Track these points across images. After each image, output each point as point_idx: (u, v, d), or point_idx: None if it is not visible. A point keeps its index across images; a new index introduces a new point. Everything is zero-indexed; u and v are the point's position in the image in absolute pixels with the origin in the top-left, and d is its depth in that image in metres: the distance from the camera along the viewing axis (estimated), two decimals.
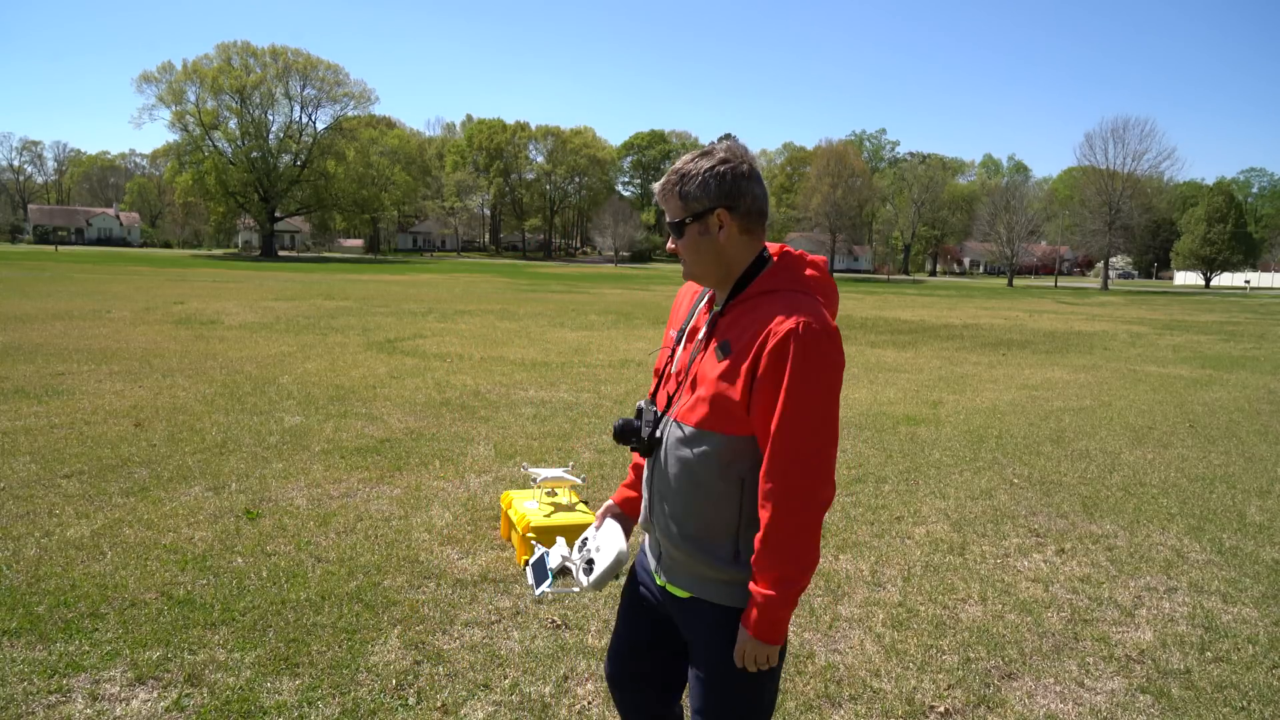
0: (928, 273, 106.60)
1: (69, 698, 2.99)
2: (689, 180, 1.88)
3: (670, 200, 1.91)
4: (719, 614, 1.90)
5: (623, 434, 1.99)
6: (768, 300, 1.83)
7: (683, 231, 1.90)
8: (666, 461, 1.92)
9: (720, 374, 1.82)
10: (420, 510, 5.17)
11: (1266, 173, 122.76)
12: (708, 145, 1.96)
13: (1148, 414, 9.49)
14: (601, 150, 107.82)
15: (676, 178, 1.90)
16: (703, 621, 1.94)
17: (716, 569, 1.88)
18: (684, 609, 1.97)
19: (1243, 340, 20.38)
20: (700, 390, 1.86)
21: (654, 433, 1.96)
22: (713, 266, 1.92)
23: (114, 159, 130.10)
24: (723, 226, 1.87)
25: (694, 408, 1.87)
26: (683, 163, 1.92)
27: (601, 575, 2.02)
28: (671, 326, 2.11)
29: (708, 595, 1.91)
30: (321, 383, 9.49)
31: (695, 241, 1.90)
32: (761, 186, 1.90)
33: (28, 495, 5.16)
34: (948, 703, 3.20)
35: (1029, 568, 4.62)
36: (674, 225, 1.92)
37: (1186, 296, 53.94)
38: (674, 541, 1.93)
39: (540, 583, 2.16)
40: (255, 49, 75.98)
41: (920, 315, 25.86)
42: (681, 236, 1.91)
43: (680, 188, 1.89)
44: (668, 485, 1.92)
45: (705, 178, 1.86)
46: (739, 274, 1.91)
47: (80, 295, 21.53)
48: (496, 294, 29.52)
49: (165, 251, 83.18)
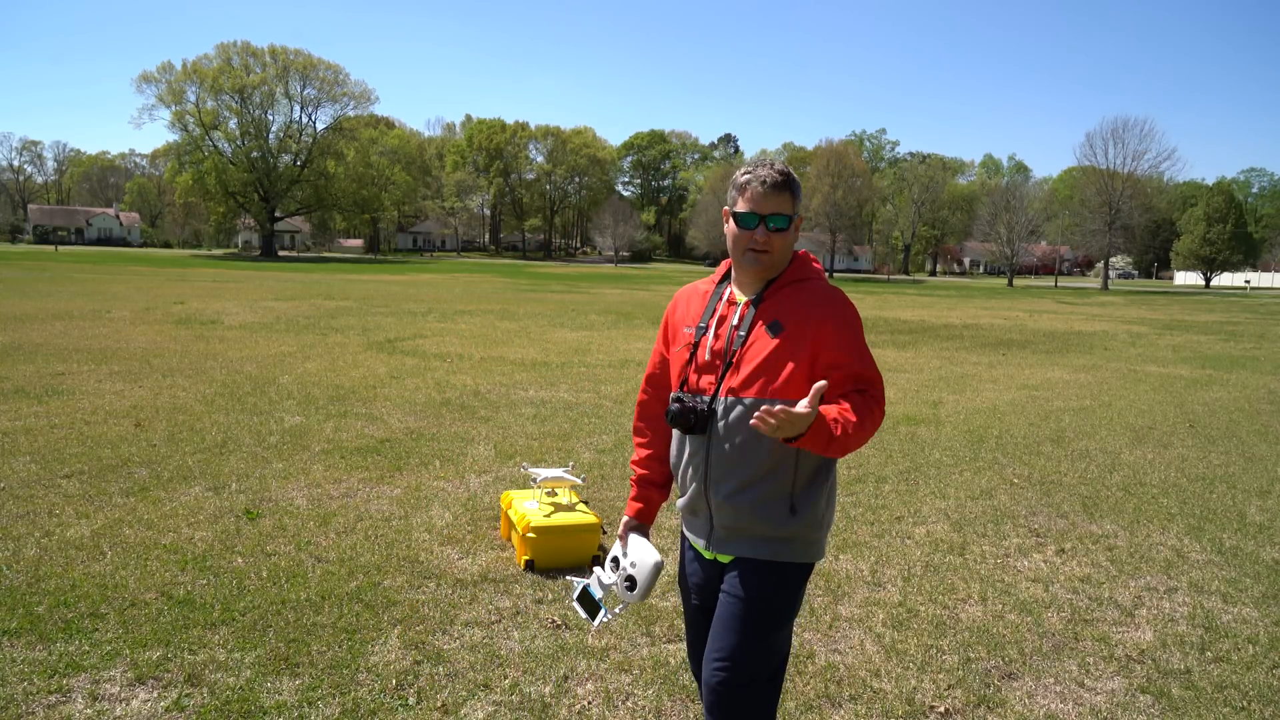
0: (928, 273, 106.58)
1: (69, 698, 2.99)
2: (797, 185, 2.15)
3: (782, 196, 2.11)
4: (763, 568, 2.13)
5: (681, 417, 2.13)
6: (805, 287, 2.14)
7: (790, 225, 2.13)
8: (724, 437, 2.11)
9: (776, 347, 2.06)
10: (420, 510, 5.17)
11: (1266, 173, 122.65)
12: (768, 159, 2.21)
13: (1148, 414, 9.49)
14: (601, 150, 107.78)
15: (785, 178, 2.12)
16: (738, 576, 2.14)
17: (775, 527, 2.11)
18: (727, 570, 2.18)
19: (1243, 340, 20.38)
20: (752, 366, 2.08)
21: (706, 410, 2.12)
22: (786, 259, 2.17)
23: (114, 159, 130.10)
24: (798, 228, 2.17)
25: (749, 380, 2.08)
26: (782, 167, 2.13)
27: (644, 588, 2.22)
28: (684, 325, 2.26)
29: (757, 554, 2.13)
30: (321, 383, 9.48)
31: (792, 237, 2.15)
32: None
33: (28, 495, 5.16)
34: (948, 703, 3.20)
35: (1029, 568, 4.62)
36: (785, 218, 2.11)
37: (1186, 296, 53.93)
38: (734, 507, 2.12)
39: (595, 614, 2.32)
40: (255, 49, 76.03)
41: (920, 315, 25.86)
42: (787, 229, 2.12)
43: (794, 188, 2.13)
44: (726, 458, 2.11)
45: (799, 184, 2.17)
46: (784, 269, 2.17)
47: (80, 295, 21.53)
48: (496, 294, 29.52)
49: (165, 251, 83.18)
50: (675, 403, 2.14)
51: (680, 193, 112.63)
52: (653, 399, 2.39)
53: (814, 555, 2.19)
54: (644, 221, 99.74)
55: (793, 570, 2.15)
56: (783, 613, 2.14)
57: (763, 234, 2.09)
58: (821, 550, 2.21)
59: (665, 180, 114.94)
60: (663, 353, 2.36)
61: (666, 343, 2.34)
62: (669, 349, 2.32)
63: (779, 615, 2.13)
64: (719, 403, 2.12)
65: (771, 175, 2.10)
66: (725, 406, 2.11)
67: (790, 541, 2.13)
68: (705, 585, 2.27)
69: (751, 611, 2.09)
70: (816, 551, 2.19)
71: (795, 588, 2.17)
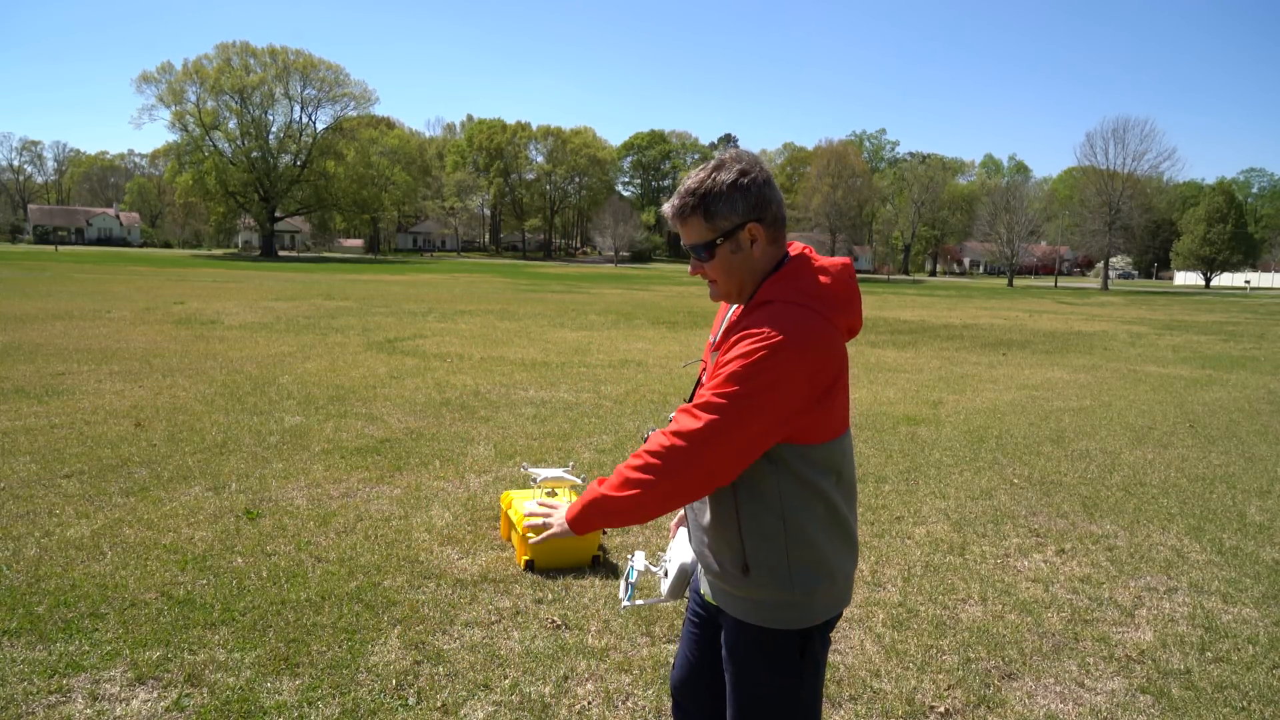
0: (928, 273, 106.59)
1: (69, 698, 2.99)
2: (713, 198, 1.74)
3: (692, 222, 1.77)
4: (740, 629, 1.88)
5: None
6: (761, 311, 1.73)
7: (714, 253, 1.77)
8: None
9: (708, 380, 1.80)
10: (420, 510, 5.17)
11: (1266, 173, 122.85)
12: (716, 158, 1.81)
13: (1148, 414, 9.49)
14: (601, 150, 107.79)
15: (695, 198, 1.76)
16: (728, 635, 1.93)
17: (730, 584, 1.86)
18: (721, 617, 1.97)
19: (1243, 340, 20.38)
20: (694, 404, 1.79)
21: None
22: (747, 281, 1.80)
23: (114, 159, 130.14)
24: (755, 240, 1.76)
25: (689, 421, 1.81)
26: (696, 180, 1.77)
27: (670, 587, 2.11)
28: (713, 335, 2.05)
29: (727, 608, 1.90)
30: (321, 383, 9.48)
31: (727, 261, 1.78)
32: (779, 191, 1.81)
33: (28, 495, 5.16)
34: (948, 703, 3.20)
35: (1029, 568, 4.62)
36: (701, 247, 1.78)
37: (1186, 297, 53.93)
38: (700, 551, 1.94)
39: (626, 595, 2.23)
40: (255, 49, 76.02)
41: (920, 315, 25.86)
42: (712, 258, 1.78)
43: (704, 207, 1.75)
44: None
45: (730, 193, 1.74)
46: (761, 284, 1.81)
47: (80, 295, 21.53)
48: (496, 294, 29.52)
49: (165, 251, 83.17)
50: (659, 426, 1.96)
51: None
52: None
53: (796, 621, 1.82)
54: (644, 222, 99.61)
55: (778, 639, 1.83)
56: (771, 692, 1.85)
57: (693, 267, 1.84)
58: (810, 615, 1.83)
59: (665, 180, 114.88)
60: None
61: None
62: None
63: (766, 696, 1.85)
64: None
65: (672, 203, 1.79)
66: None
67: (756, 603, 1.82)
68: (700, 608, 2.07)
69: (740, 688, 1.89)
70: (798, 617, 1.82)
71: (779, 661, 1.84)
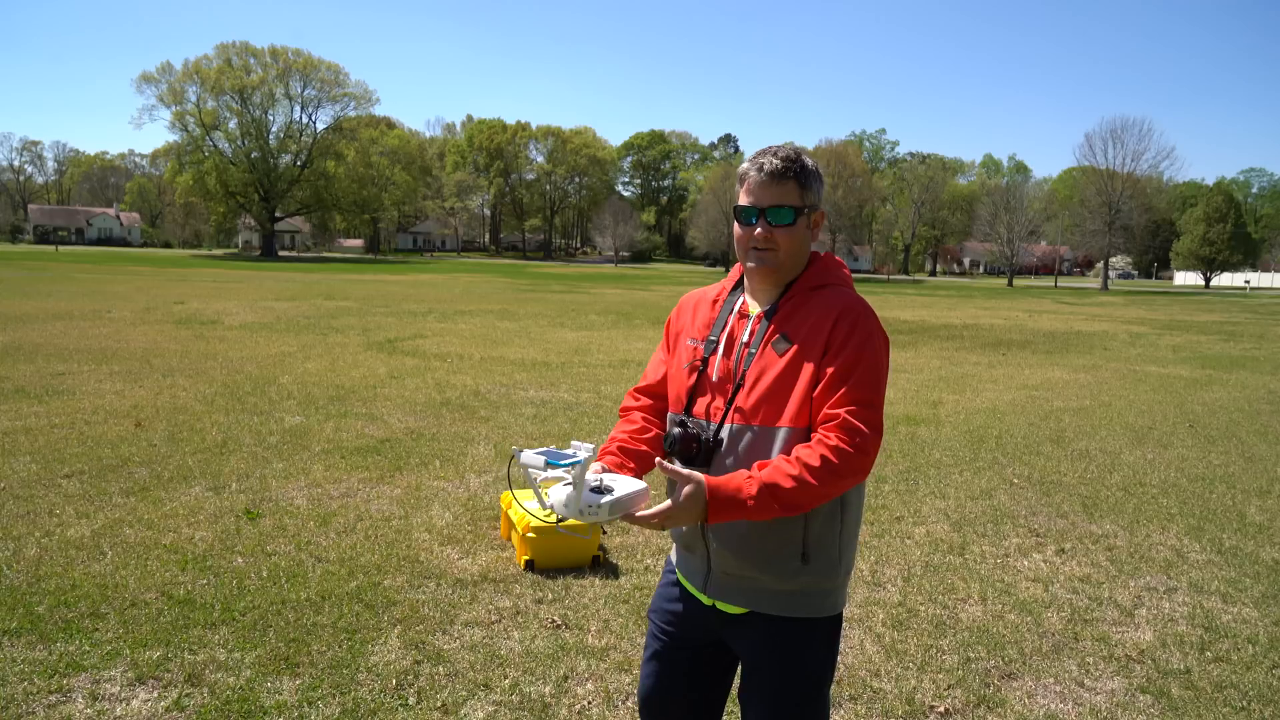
0: (928, 273, 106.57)
1: (69, 698, 2.99)
2: (809, 174, 1.83)
3: (785, 185, 1.81)
4: (776, 628, 1.86)
5: (683, 444, 1.82)
6: (820, 294, 1.84)
7: (796, 219, 1.83)
8: (731, 470, 1.77)
9: (783, 367, 1.79)
10: (420, 510, 5.17)
11: (1266, 173, 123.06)
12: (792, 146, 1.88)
13: (1148, 414, 9.49)
14: (601, 150, 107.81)
15: (799, 165, 1.82)
16: (759, 637, 1.89)
17: (781, 578, 1.82)
18: (739, 625, 1.91)
19: (1243, 340, 20.37)
20: (761, 387, 1.80)
21: (713, 439, 1.83)
22: (799, 263, 1.88)
23: (114, 159, 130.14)
24: (817, 226, 1.89)
25: (757, 406, 1.80)
26: (791, 152, 1.83)
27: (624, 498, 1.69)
28: (687, 336, 1.98)
29: (765, 608, 1.85)
30: (322, 383, 9.48)
31: (801, 234, 1.85)
32: None
33: (28, 495, 5.16)
34: (948, 703, 3.20)
35: (1029, 568, 4.62)
36: (790, 210, 1.82)
37: (1186, 297, 53.92)
38: (737, 554, 1.84)
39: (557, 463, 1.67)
40: (255, 49, 76.10)
41: (920, 315, 25.86)
42: (793, 224, 1.83)
43: (803, 176, 1.82)
44: None
45: (817, 174, 1.85)
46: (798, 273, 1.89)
47: (81, 295, 21.53)
48: (496, 294, 29.52)
49: (165, 251, 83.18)
50: (677, 427, 1.85)
51: (680, 193, 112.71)
52: (638, 409, 2.04)
53: (835, 606, 1.90)
54: (644, 222, 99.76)
55: (820, 626, 1.89)
56: (819, 676, 1.90)
57: (763, 229, 1.81)
58: (843, 599, 1.93)
59: (665, 180, 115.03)
60: (664, 363, 2.05)
61: (669, 351, 2.05)
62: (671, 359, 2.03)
63: (816, 680, 1.89)
64: (725, 430, 1.83)
65: (771, 162, 1.80)
66: (731, 434, 1.82)
67: (805, 595, 1.85)
68: (691, 623, 1.97)
69: (788, 682, 1.86)
70: (837, 601, 1.91)
71: (827, 647, 1.91)
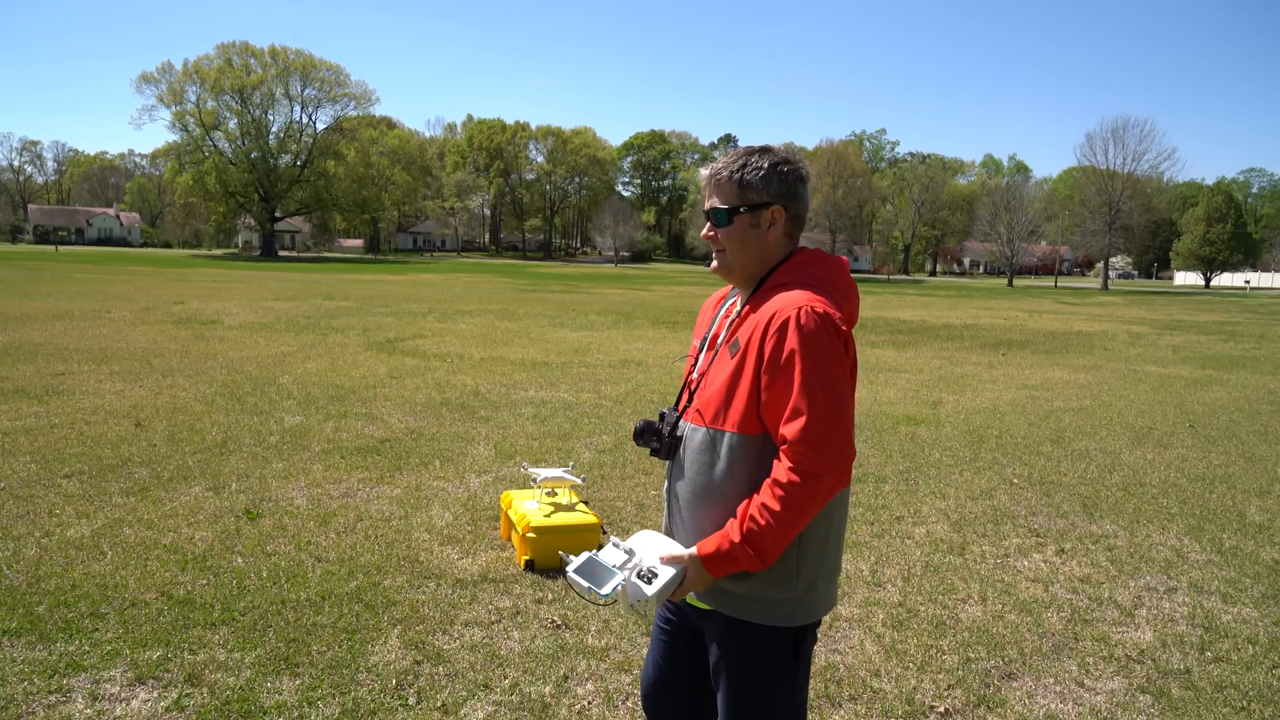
0: (928, 273, 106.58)
1: (69, 698, 2.99)
2: (751, 171, 1.84)
3: (724, 186, 1.85)
4: (734, 628, 1.85)
5: (642, 435, 1.93)
6: (773, 295, 1.81)
7: (731, 219, 1.85)
8: (685, 467, 1.88)
9: (730, 371, 1.80)
10: (420, 510, 5.17)
11: (1266, 173, 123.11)
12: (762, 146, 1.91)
13: (1148, 414, 9.49)
14: (601, 150, 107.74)
15: (737, 165, 1.84)
16: (717, 635, 1.90)
17: (732, 579, 1.81)
18: (706, 621, 1.92)
19: (1243, 340, 20.38)
20: (710, 390, 1.84)
21: (672, 434, 1.91)
22: (753, 262, 1.88)
23: (114, 159, 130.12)
24: (773, 224, 1.85)
25: (704, 407, 1.85)
26: (740, 153, 1.87)
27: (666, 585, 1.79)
28: (696, 336, 2.06)
29: (722, 607, 1.86)
30: (321, 383, 9.48)
31: (743, 233, 1.85)
32: (809, 194, 1.90)
33: (28, 495, 5.16)
34: (948, 703, 3.20)
35: (1029, 568, 4.62)
36: (722, 212, 1.85)
37: (1186, 296, 53.93)
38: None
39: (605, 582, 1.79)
40: (255, 49, 76.01)
41: (920, 315, 25.86)
42: (729, 225, 1.85)
43: (741, 175, 1.84)
44: (683, 491, 1.88)
45: (769, 171, 1.84)
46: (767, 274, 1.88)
47: (80, 295, 21.53)
48: (496, 294, 29.52)
49: (165, 251, 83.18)
50: (643, 420, 1.94)
51: (680, 193, 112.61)
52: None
53: (794, 618, 1.83)
54: (644, 222, 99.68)
55: (774, 635, 1.83)
56: (769, 690, 1.84)
57: (708, 230, 1.89)
58: (808, 613, 1.85)
59: (665, 180, 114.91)
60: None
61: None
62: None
63: (765, 692, 1.84)
64: (682, 427, 1.90)
65: (711, 165, 1.87)
66: (688, 433, 1.88)
67: (753, 600, 1.81)
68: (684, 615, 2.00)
69: (737, 686, 1.86)
70: (795, 614, 1.83)
71: (785, 659, 1.85)
